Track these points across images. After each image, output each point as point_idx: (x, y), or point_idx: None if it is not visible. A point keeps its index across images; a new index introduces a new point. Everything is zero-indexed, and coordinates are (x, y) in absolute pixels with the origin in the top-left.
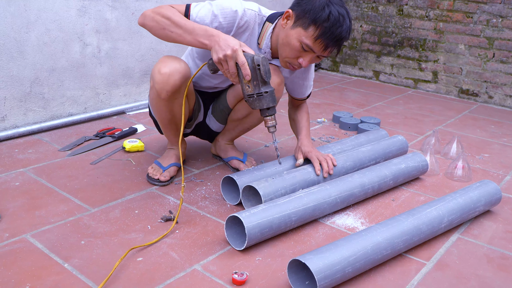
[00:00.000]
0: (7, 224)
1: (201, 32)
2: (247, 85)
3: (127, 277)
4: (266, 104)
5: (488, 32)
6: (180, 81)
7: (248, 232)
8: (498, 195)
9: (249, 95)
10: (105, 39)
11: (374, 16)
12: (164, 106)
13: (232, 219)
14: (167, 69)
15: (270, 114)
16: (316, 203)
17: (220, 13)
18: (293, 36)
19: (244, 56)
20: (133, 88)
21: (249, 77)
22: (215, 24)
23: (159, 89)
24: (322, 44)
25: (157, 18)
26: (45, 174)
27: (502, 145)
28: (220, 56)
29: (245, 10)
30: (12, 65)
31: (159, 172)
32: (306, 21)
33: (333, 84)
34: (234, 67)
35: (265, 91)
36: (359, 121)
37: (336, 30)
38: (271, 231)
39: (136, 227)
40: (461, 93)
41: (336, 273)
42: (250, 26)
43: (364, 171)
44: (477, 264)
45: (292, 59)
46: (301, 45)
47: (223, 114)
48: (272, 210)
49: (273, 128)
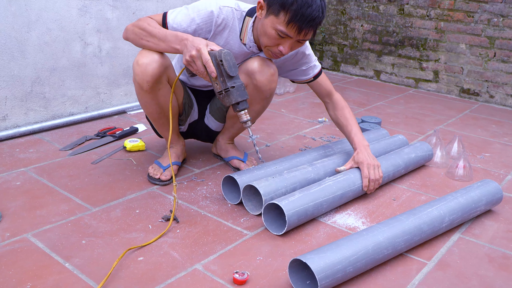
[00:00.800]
0: (8, 224)
1: (172, 38)
2: (215, 82)
3: (128, 276)
4: (235, 99)
5: (489, 31)
6: (158, 70)
7: (288, 218)
8: (499, 195)
9: (218, 92)
10: (106, 38)
11: (375, 15)
12: (149, 98)
13: (269, 205)
14: (144, 60)
15: (242, 108)
16: (343, 191)
17: (196, 15)
18: (268, 25)
19: (209, 54)
20: (134, 87)
21: (214, 74)
22: (193, 27)
23: (140, 81)
24: (295, 27)
25: (136, 30)
26: (46, 174)
27: (503, 145)
28: (187, 58)
29: (220, 8)
30: (13, 64)
31: (160, 172)
32: (275, 7)
33: (334, 84)
34: (202, 66)
35: (231, 85)
36: (360, 120)
37: (306, 11)
38: (306, 217)
39: (137, 227)
40: (462, 93)
41: (337, 273)
42: (228, 23)
43: (380, 160)
44: (478, 263)
45: (272, 47)
46: (277, 32)
47: (220, 112)
48: (307, 198)
49: (248, 123)
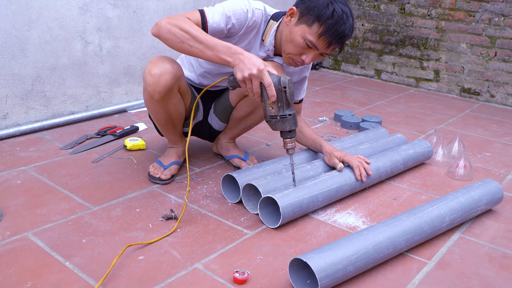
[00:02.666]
0: (9, 222)
1: (223, 49)
2: (271, 105)
3: (128, 275)
4: (289, 126)
5: (490, 31)
6: (171, 81)
7: (282, 210)
8: (500, 194)
9: (271, 116)
10: (106, 37)
11: (376, 14)
12: (159, 107)
13: (265, 200)
14: (157, 70)
15: (291, 136)
16: (338, 185)
17: (232, 15)
18: (297, 33)
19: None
20: (135, 86)
21: (274, 98)
22: (229, 26)
23: (151, 91)
24: (326, 41)
25: (175, 31)
26: (46, 173)
27: (504, 144)
28: (245, 75)
29: (253, 10)
30: (13, 63)
31: (160, 171)
32: (310, 18)
33: (335, 83)
34: (258, 87)
35: (289, 113)
36: (361, 120)
37: (339, 27)
38: (301, 210)
39: (138, 226)
40: (463, 92)
41: (337, 272)
42: (257, 25)
43: (378, 156)
44: (478, 263)
45: (296, 55)
46: (305, 42)
47: (225, 112)
48: (302, 191)
49: (292, 150)
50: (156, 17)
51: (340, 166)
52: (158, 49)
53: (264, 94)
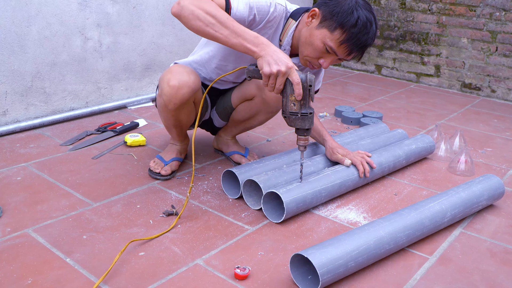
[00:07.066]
0: (9, 219)
1: (250, 38)
2: (293, 102)
3: (129, 271)
4: (308, 125)
5: (491, 25)
6: (188, 95)
7: (286, 205)
8: (501, 189)
9: (292, 112)
10: (106, 33)
11: (376, 9)
12: (171, 116)
13: (268, 195)
14: (176, 82)
15: (308, 134)
16: (341, 180)
17: (255, 6)
18: (318, 37)
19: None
20: (135, 82)
21: (301, 97)
22: (251, 17)
23: (167, 101)
24: (347, 49)
25: (199, 13)
26: (46, 169)
27: (505, 139)
28: (273, 71)
29: (276, 5)
30: (13, 59)
31: (161, 166)
32: (333, 23)
33: (335, 78)
34: (283, 84)
35: (310, 112)
36: (361, 115)
37: (362, 36)
38: (305, 205)
39: (138, 222)
40: (464, 87)
41: (338, 268)
42: (276, 21)
43: (381, 151)
44: (480, 258)
45: (313, 59)
46: (325, 47)
47: (225, 112)
48: (306, 186)
49: (303, 148)
50: (156, 13)
51: (348, 161)
52: (158, 44)
53: (288, 90)
